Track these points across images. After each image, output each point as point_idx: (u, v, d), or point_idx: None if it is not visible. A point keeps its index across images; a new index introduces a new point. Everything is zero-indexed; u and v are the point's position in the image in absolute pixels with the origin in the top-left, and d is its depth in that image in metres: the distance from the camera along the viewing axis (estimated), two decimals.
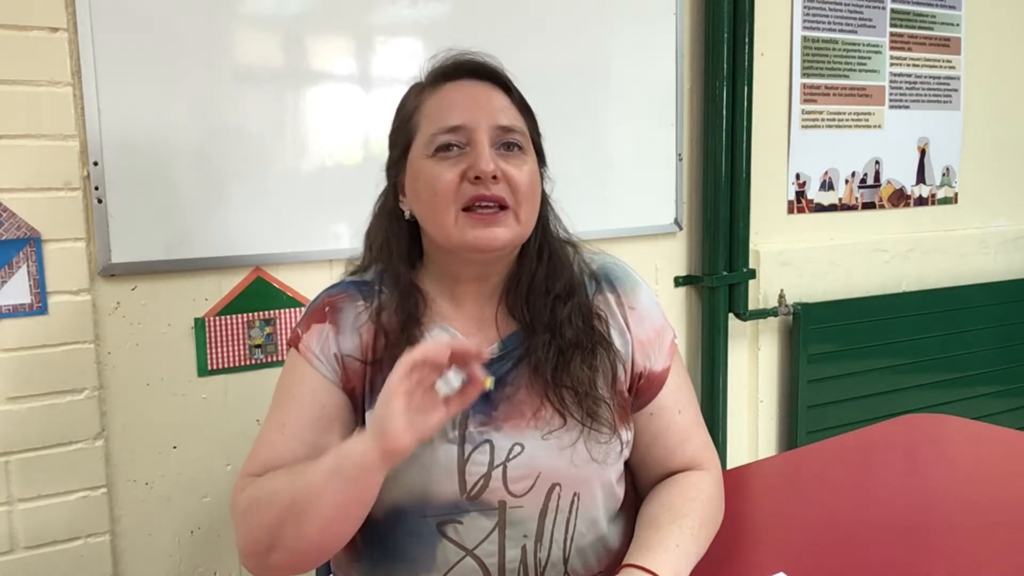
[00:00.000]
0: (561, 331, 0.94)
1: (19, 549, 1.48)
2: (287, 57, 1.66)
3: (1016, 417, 2.71)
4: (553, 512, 0.94)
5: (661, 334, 1.02)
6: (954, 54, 2.64)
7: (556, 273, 0.98)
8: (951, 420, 1.54)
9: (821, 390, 2.38)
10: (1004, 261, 2.78)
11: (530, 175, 0.93)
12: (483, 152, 0.89)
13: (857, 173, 2.49)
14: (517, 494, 0.92)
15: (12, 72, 1.41)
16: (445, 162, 0.91)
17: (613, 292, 1.01)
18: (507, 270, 0.99)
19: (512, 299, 0.98)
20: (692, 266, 2.26)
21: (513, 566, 0.93)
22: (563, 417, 0.93)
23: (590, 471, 0.95)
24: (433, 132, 0.92)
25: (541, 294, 0.96)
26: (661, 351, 1.01)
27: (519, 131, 0.94)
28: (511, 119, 0.94)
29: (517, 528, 0.93)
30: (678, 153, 2.17)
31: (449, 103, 0.93)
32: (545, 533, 0.94)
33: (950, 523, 1.09)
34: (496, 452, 0.92)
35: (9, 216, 1.43)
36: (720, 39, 2.13)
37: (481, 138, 0.90)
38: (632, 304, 1.01)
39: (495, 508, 0.92)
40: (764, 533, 1.11)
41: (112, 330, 1.55)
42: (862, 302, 2.45)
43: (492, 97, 0.95)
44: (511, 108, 0.95)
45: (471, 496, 0.92)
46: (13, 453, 1.46)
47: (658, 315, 1.03)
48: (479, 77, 0.96)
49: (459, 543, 0.93)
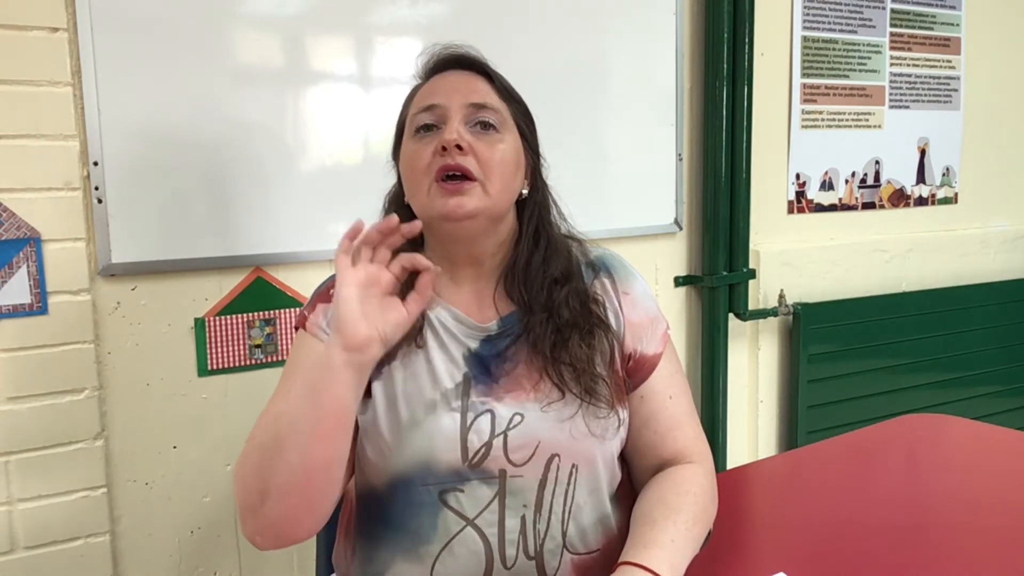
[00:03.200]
0: (559, 311, 0.98)
1: (19, 549, 1.48)
2: (287, 57, 1.66)
3: (1016, 417, 2.71)
4: (552, 483, 0.96)
5: (654, 323, 1.05)
6: (954, 54, 2.64)
7: (553, 258, 1.01)
8: (951, 420, 1.54)
9: (821, 390, 2.38)
10: (1004, 261, 2.78)
11: (501, 152, 0.97)
12: (451, 125, 0.95)
13: (857, 173, 2.49)
14: (517, 463, 0.95)
15: (12, 72, 1.41)
16: (422, 141, 0.97)
17: (609, 278, 1.05)
18: (503, 253, 1.03)
19: (509, 281, 1.01)
20: (692, 266, 2.26)
21: (512, 536, 0.95)
22: (561, 391, 0.96)
23: (589, 444, 0.97)
24: (414, 113, 0.99)
25: (539, 277, 1.00)
26: (653, 337, 1.04)
27: (493, 108, 0.99)
28: (484, 98, 0.99)
29: (517, 498, 0.95)
30: (678, 153, 2.17)
31: (431, 90, 1.00)
32: (544, 503, 0.96)
33: (950, 523, 1.09)
34: (497, 421, 0.95)
35: (9, 216, 1.43)
36: (720, 39, 2.13)
37: (453, 115, 0.96)
38: (626, 290, 1.05)
39: (495, 477, 0.94)
40: (764, 533, 1.11)
41: (112, 330, 1.55)
42: (862, 302, 2.45)
43: (470, 81, 1.01)
44: (489, 92, 1.01)
45: (472, 464, 0.94)
46: (13, 453, 1.46)
47: (652, 305, 1.07)
48: (462, 67, 1.03)
49: (460, 512, 0.94)
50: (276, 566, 1.75)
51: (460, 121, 0.96)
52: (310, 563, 1.75)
